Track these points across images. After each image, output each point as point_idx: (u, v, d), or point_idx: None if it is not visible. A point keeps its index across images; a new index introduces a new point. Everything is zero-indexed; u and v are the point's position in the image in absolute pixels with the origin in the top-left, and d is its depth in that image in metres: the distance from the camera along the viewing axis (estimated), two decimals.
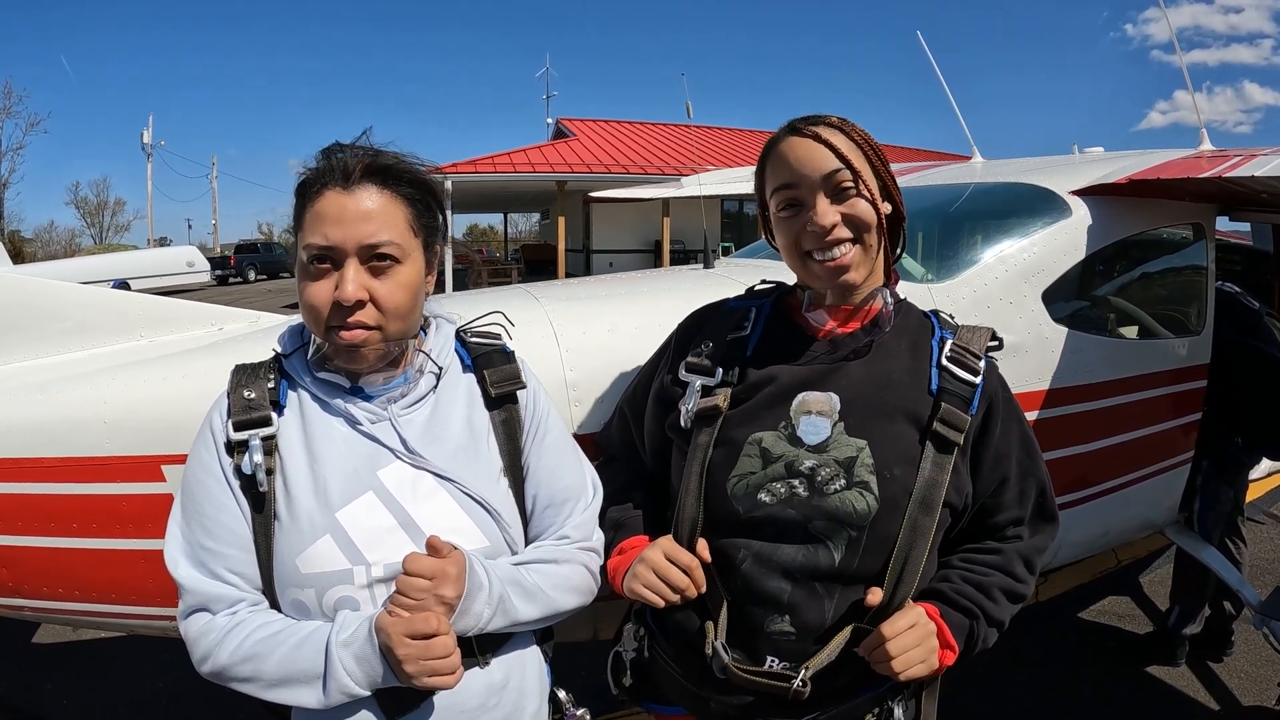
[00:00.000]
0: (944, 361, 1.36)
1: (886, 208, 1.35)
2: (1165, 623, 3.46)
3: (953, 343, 1.38)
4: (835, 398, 1.33)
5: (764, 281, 1.54)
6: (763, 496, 1.31)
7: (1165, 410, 2.59)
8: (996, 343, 1.42)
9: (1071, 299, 2.47)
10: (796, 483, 1.30)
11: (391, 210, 1.18)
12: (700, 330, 1.48)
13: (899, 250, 1.45)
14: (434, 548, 1.14)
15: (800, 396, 1.34)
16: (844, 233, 1.31)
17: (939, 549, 1.38)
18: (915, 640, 1.26)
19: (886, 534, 1.28)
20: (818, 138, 1.31)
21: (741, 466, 1.33)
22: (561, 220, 20.48)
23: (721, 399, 1.37)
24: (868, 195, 1.31)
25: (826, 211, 1.29)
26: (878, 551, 1.28)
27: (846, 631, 1.29)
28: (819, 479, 1.29)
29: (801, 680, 1.27)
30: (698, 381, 1.41)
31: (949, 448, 1.31)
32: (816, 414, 1.33)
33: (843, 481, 1.29)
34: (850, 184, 1.30)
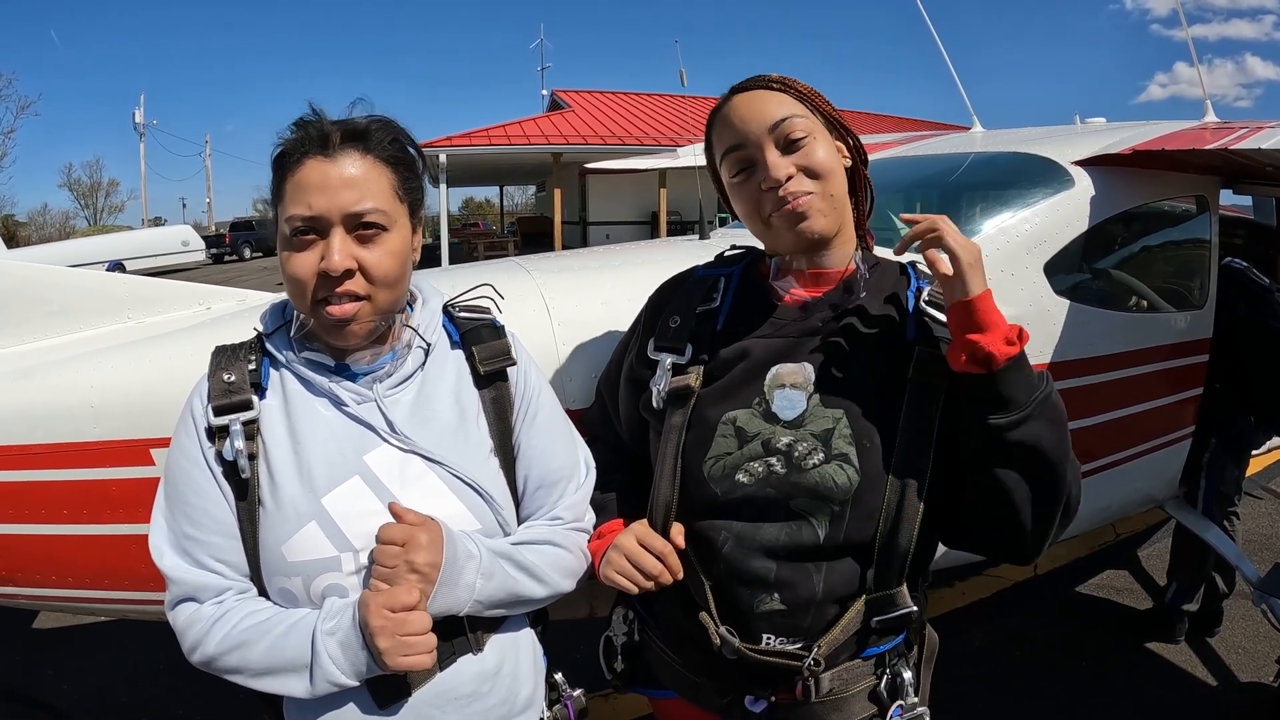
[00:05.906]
0: (922, 305, 1.29)
1: (845, 159, 1.31)
2: (1163, 598, 3.45)
3: (930, 289, 1.30)
4: (809, 367, 1.28)
5: (734, 247, 1.47)
6: (740, 477, 1.26)
7: (1167, 384, 2.57)
8: None
9: (1073, 271, 2.43)
10: (774, 460, 1.25)
11: (375, 176, 1.14)
12: (669, 303, 1.43)
13: (868, 206, 1.39)
14: (397, 514, 1.12)
15: (773, 370, 1.29)
16: (803, 184, 1.24)
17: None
18: (974, 251, 1.16)
19: (872, 506, 1.23)
20: (756, 88, 1.28)
21: (717, 448, 1.28)
22: (557, 192, 20.29)
23: (694, 378, 1.32)
24: (822, 141, 1.26)
25: (778, 163, 1.24)
26: (864, 523, 1.23)
27: (860, 605, 1.25)
28: (796, 455, 1.24)
29: (814, 659, 1.24)
30: (668, 360, 1.35)
31: (933, 393, 1.24)
32: (790, 387, 1.27)
33: (821, 455, 1.23)
34: (801, 134, 1.24)
